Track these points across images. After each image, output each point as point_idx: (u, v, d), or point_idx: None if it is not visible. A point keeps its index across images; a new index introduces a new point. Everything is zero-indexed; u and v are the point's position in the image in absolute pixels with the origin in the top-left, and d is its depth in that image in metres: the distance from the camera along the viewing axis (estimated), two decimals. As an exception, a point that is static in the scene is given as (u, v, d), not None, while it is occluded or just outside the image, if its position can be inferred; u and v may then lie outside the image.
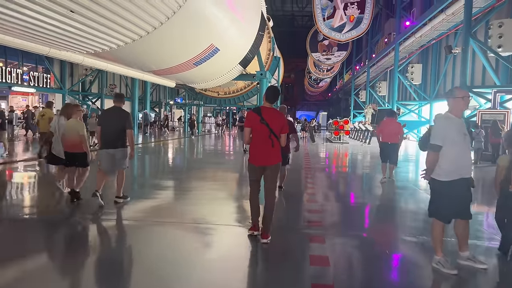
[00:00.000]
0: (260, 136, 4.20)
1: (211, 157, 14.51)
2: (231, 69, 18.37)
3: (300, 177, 9.63)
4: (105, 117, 5.95)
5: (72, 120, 5.94)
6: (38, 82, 20.75)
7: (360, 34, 25.36)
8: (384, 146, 8.84)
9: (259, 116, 4.18)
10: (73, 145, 5.80)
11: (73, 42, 9.15)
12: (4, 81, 18.28)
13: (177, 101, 32.05)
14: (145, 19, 9.37)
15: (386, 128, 8.94)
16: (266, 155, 4.21)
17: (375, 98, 33.92)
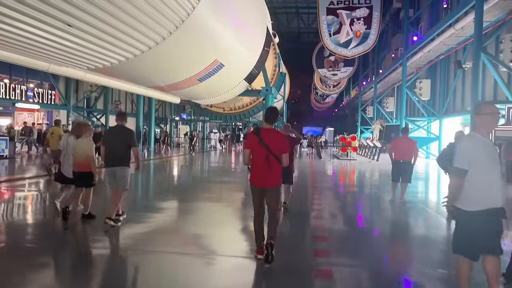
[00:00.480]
0: (259, 158, 4.22)
1: (209, 175, 14.11)
2: (236, 85, 18.14)
3: (306, 196, 9.20)
4: (109, 136, 6.00)
5: (82, 139, 5.94)
6: (43, 98, 20.67)
7: (367, 50, 25.12)
8: (397, 164, 8.45)
9: (257, 138, 4.21)
10: (81, 164, 5.83)
11: (73, 58, 8.93)
12: (8, 98, 18.20)
13: (182, 117, 31.88)
14: (147, 34, 9.14)
15: (399, 145, 8.55)
16: (265, 177, 4.22)
17: (383, 114, 33.50)
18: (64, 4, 6.96)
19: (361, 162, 20.05)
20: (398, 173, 8.45)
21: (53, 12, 6.89)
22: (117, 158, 5.65)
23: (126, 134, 5.77)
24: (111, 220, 5.48)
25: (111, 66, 9.94)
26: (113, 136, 5.86)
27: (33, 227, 5.94)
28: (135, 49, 9.51)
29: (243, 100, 25.33)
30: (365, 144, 23.69)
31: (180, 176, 13.61)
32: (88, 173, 5.83)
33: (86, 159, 5.80)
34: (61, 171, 6.36)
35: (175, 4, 8.87)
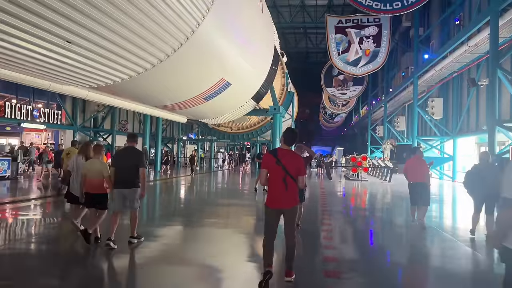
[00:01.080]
0: (276, 178, 4.21)
1: (206, 199, 13.46)
2: (244, 104, 17.82)
3: (316, 221, 8.63)
4: (119, 157, 6.02)
5: (96, 160, 5.89)
6: (49, 118, 20.54)
7: (377, 68, 24.77)
8: (413, 186, 7.95)
9: (275, 158, 4.22)
10: (95, 186, 5.77)
11: (74, 76, 8.65)
12: (14, 118, 18.07)
13: (190, 136, 31.62)
14: (150, 51, 8.85)
15: (412, 167, 8.08)
16: (282, 197, 4.19)
17: (393, 134, 32.88)
18: (64, 20, 6.70)
19: (373, 183, 19.39)
20: (416, 196, 7.95)
21: (52, 28, 6.62)
22: (126, 179, 5.68)
23: (136, 155, 5.82)
24: (134, 238, 5.81)
25: (114, 85, 9.65)
26: (123, 157, 5.90)
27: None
28: (138, 67, 9.22)
29: (250, 119, 25.08)
30: (376, 164, 23.04)
31: (171, 200, 12.60)
32: (102, 195, 5.81)
33: (101, 180, 5.75)
34: (69, 191, 6.40)
35: (179, 20, 8.59)
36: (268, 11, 16.69)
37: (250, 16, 12.67)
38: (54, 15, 6.38)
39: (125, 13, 7.44)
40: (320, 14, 37.60)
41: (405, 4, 18.22)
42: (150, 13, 7.77)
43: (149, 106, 13.80)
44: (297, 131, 4.59)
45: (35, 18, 6.30)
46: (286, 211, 4.22)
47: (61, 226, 7.40)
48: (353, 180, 20.68)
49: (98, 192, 5.77)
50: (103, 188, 5.79)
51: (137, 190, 5.76)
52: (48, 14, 6.28)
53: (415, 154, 8.23)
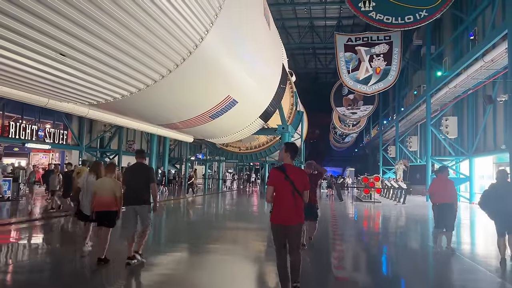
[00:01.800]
0: (284, 194, 4.21)
1: (212, 222, 12.82)
2: (251, 123, 17.37)
3: (328, 251, 7.93)
4: (129, 174, 5.97)
5: (107, 179, 5.94)
6: (54, 138, 20.32)
7: (388, 86, 24.26)
8: (439, 208, 7.32)
9: (283, 174, 4.23)
10: (104, 203, 5.80)
11: (72, 92, 8.27)
12: (18, 137, 17.85)
13: (198, 157, 31.21)
14: (151, 66, 8.47)
15: (439, 187, 7.48)
16: (289, 213, 4.19)
17: (406, 154, 32.06)
18: (59, 33, 6.36)
19: (386, 205, 18.57)
20: (442, 218, 7.31)
21: (45, 40, 6.28)
22: (137, 196, 5.68)
23: (145, 171, 5.84)
24: (137, 255, 5.74)
25: (115, 102, 9.26)
26: (133, 173, 5.86)
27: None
28: (139, 83, 8.83)
29: (259, 139, 24.61)
30: (389, 185, 22.22)
31: (169, 224, 11.67)
32: (110, 212, 5.82)
33: (110, 198, 5.77)
34: (80, 209, 6.49)
35: (181, 34, 8.23)
36: (275, 29, 16.44)
37: (257, 32, 12.34)
38: (46, 25, 6.04)
39: (123, 24, 7.10)
40: (329, 34, 37.57)
41: (417, 18, 17.79)
42: (149, 25, 7.42)
43: (153, 124, 13.41)
44: (296, 144, 4.73)
45: (27, 29, 5.97)
46: (292, 228, 4.20)
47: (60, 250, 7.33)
48: (365, 201, 19.87)
49: (107, 210, 5.80)
50: (112, 206, 5.81)
51: (148, 207, 5.77)
52: (39, 25, 5.94)
53: (442, 174, 7.64)
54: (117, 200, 5.81)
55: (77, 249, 6.62)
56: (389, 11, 17.71)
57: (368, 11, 18.02)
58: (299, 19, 35.97)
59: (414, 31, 28.19)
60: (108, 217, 5.81)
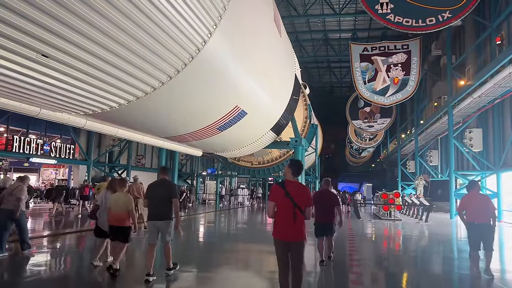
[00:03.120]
0: (284, 210, 4.22)
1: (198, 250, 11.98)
2: (263, 136, 16.56)
3: (345, 275, 6.95)
4: (152, 190, 6.04)
5: (119, 194, 6.11)
6: (60, 153, 19.85)
7: (407, 97, 23.18)
8: (474, 228, 6.47)
9: (283, 190, 4.24)
10: (119, 219, 5.95)
11: (63, 100, 7.63)
12: (22, 152, 17.40)
13: (209, 172, 30.45)
14: (149, 71, 7.79)
15: (470, 204, 6.65)
16: (290, 230, 4.20)
17: (426, 169, 30.70)
18: (44, 33, 5.74)
19: (407, 223, 17.35)
20: (478, 239, 6.46)
21: (26, 40, 5.64)
22: (159, 211, 5.80)
23: (168, 187, 5.96)
24: (170, 270, 5.97)
25: (112, 111, 8.59)
26: (156, 189, 5.97)
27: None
28: (137, 90, 8.15)
29: (272, 153, 23.81)
30: (410, 201, 20.96)
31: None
32: (125, 228, 5.98)
33: (124, 213, 5.95)
34: (98, 225, 6.55)
35: (181, 36, 7.55)
36: (287, 38, 15.75)
37: (266, 38, 11.63)
38: (28, 23, 5.41)
39: (118, 26, 6.46)
40: (343, 47, 36.88)
41: (440, 19, 16.72)
42: (146, 27, 6.76)
43: (158, 137, 12.71)
44: (301, 162, 4.76)
45: (7, 28, 5.35)
46: (294, 244, 4.20)
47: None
48: (385, 219, 18.67)
49: (122, 225, 5.94)
50: (126, 221, 5.97)
51: (170, 222, 5.86)
52: (19, 22, 5.31)
53: (473, 189, 6.79)
54: (131, 214, 5.99)
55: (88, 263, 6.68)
56: (409, 13, 16.75)
57: (385, 14, 17.12)
58: (312, 32, 35.45)
59: (433, 41, 27.25)
60: (123, 232, 5.97)
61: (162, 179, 6.09)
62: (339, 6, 28.77)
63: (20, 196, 7.42)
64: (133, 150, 25.54)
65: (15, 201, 7.37)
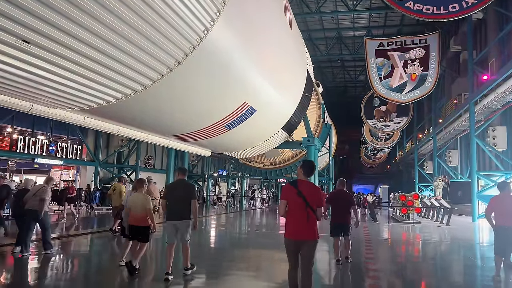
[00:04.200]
0: (296, 209, 4.25)
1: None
2: (273, 135, 15.87)
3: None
4: (171, 190, 6.17)
5: (139, 194, 6.28)
6: (67, 153, 19.48)
7: (425, 94, 22.15)
8: (503, 231, 5.99)
9: (295, 189, 4.28)
10: (138, 219, 6.11)
11: (54, 94, 7.08)
12: (27, 152, 17.05)
13: (220, 173, 29.86)
14: (147, 62, 7.21)
15: (500, 206, 6.15)
16: (302, 229, 4.22)
17: (444, 169, 29.52)
18: (26, 17, 5.18)
19: (427, 227, 16.40)
20: (505, 243, 5.99)
21: (5, 24, 5.09)
22: (178, 211, 5.88)
23: (187, 187, 6.04)
24: (188, 270, 6.02)
25: (109, 106, 8.02)
26: (175, 190, 6.07)
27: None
28: (135, 83, 7.56)
29: (284, 153, 23.11)
30: (429, 204, 19.95)
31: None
32: (144, 227, 6.11)
33: (143, 213, 6.09)
34: (123, 225, 6.66)
35: (181, 23, 6.94)
36: (299, 32, 15.02)
37: (275, 29, 10.95)
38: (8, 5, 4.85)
39: (110, 11, 5.88)
40: (358, 45, 35.89)
41: (464, 6, 15.63)
42: (142, 13, 6.17)
43: (161, 135, 12.13)
44: (314, 163, 4.74)
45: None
46: (305, 243, 4.21)
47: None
48: (403, 222, 17.73)
49: (141, 225, 6.08)
50: (144, 221, 6.09)
51: (189, 222, 5.92)
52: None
53: (504, 190, 6.22)
54: (148, 214, 6.10)
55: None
56: (429, 0, 15.77)
57: (404, 1, 16.18)
58: (326, 30, 34.56)
59: (451, 36, 26.15)
60: (141, 232, 6.09)
61: (180, 180, 6.17)
62: (353, 2, 27.89)
63: (44, 197, 7.55)
64: (143, 150, 25.10)
65: (39, 202, 7.52)
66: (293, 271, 4.27)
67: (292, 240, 4.25)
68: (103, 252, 8.99)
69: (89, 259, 8.08)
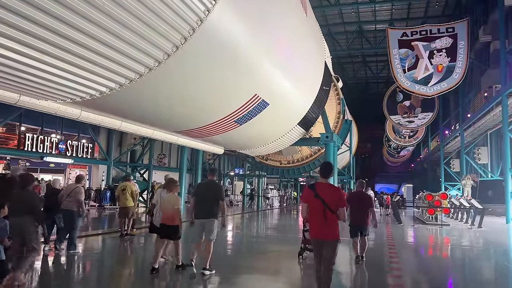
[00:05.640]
0: (315, 211, 4.47)
1: None
2: (289, 131, 14.95)
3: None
4: (200, 190, 6.47)
5: (170, 194, 6.58)
6: (77, 152, 19.08)
7: (453, 86, 20.68)
8: None
9: (313, 192, 4.48)
10: (169, 218, 6.34)
11: (41, 83, 6.42)
12: (36, 151, 16.69)
13: (237, 172, 29.11)
14: (142, 48, 6.49)
15: None
16: (322, 229, 4.42)
17: (473, 167, 27.91)
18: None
19: (457, 229, 15.17)
20: None
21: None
22: (206, 210, 6.12)
23: (216, 188, 6.31)
24: (206, 270, 6.08)
25: (103, 98, 7.32)
26: (203, 189, 6.37)
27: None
28: (129, 71, 6.82)
29: (302, 151, 22.20)
30: (458, 204, 18.62)
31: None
32: (174, 227, 6.33)
33: (174, 212, 6.34)
34: (153, 223, 6.99)
35: (178, 2, 6.16)
36: (314, 18, 14.05)
37: (287, 12, 10.04)
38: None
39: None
40: (379, 39, 34.57)
41: None
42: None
43: (167, 131, 11.42)
44: (331, 164, 4.95)
45: None
46: (326, 243, 4.39)
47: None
48: (430, 224, 16.50)
49: (171, 224, 6.32)
50: (174, 220, 6.33)
51: (216, 221, 6.17)
52: None
53: None
54: (177, 213, 6.35)
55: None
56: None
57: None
58: (346, 24, 33.39)
59: (480, 26, 24.57)
60: (171, 231, 6.32)
61: (210, 180, 6.52)
62: (374, -8, 26.69)
63: (81, 199, 7.75)
64: (156, 149, 24.60)
65: (75, 203, 7.67)
66: (318, 268, 4.49)
67: (315, 239, 4.53)
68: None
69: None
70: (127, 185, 10.14)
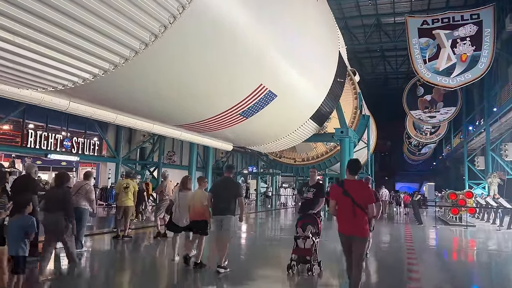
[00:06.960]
0: (343, 207, 4.54)
1: None
2: (301, 126, 14.11)
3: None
4: (217, 187, 6.55)
5: (199, 191, 6.72)
6: (83, 149, 18.67)
7: (478, 77, 19.31)
8: None
9: (341, 189, 4.57)
10: (198, 213, 6.47)
11: (15, 69, 5.79)
12: (40, 148, 16.32)
13: (250, 170, 28.37)
14: (126, 28, 5.83)
15: None
16: (351, 225, 4.48)
17: (499, 165, 26.41)
18: None
19: (484, 230, 14.01)
20: None
21: None
22: (223, 207, 6.21)
23: (233, 185, 6.45)
24: (221, 268, 6.08)
25: (86, 85, 6.67)
26: (221, 186, 6.44)
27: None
28: (112, 54, 6.14)
29: (317, 148, 21.24)
30: (484, 203, 17.38)
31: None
32: (203, 222, 6.45)
33: (202, 208, 6.43)
34: (172, 221, 7.03)
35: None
36: (327, 4, 13.13)
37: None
38: None
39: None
40: (399, 32, 33.14)
41: None
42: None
43: (166, 124, 10.75)
44: (359, 161, 5.03)
45: None
46: (355, 239, 4.43)
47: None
48: (453, 225, 15.36)
49: (199, 219, 6.43)
50: (203, 215, 6.43)
51: (232, 218, 6.22)
52: None
53: None
54: (205, 209, 6.42)
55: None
56: None
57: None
58: (363, 17, 32.15)
59: (506, 14, 23.07)
60: (201, 226, 6.42)
61: (226, 177, 6.51)
62: (393, -18, 25.46)
63: (92, 198, 7.63)
64: (168, 146, 24.08)
65: (85, 201, 7.54)
66: (348, 263, 4.56)
67: (343, 234, 4.56)
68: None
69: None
70: (130, 183, 9.28)
